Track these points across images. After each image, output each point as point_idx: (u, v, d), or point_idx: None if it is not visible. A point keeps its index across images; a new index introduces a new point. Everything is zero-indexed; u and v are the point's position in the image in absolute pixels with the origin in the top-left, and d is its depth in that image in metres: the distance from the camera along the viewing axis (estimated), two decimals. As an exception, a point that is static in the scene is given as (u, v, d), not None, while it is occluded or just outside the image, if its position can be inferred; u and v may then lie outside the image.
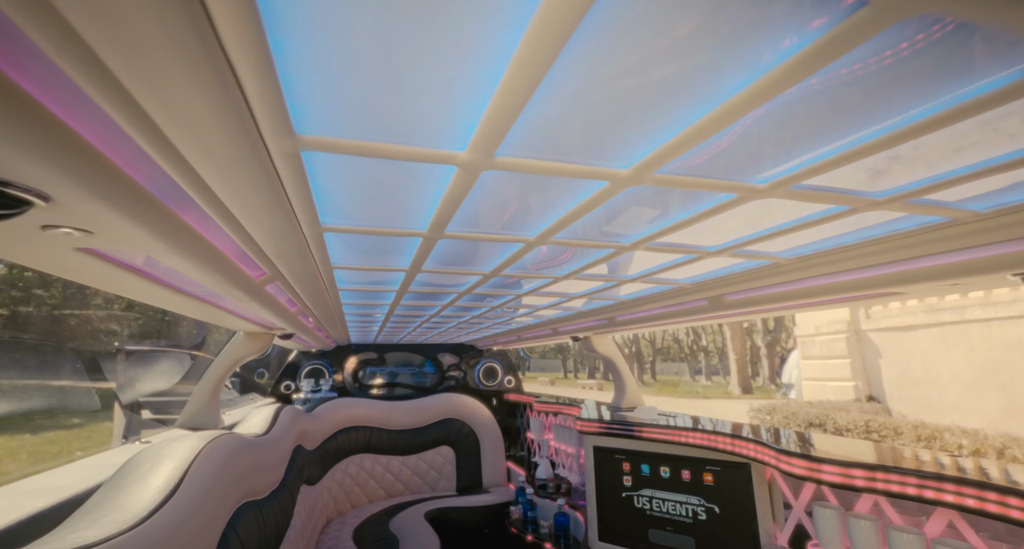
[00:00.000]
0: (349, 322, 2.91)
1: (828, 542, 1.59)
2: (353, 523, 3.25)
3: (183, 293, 1.26)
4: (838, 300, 1.43)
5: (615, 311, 2.22)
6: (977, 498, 1.10)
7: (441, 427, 4.48)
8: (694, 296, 1.72)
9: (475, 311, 2.56)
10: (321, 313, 2.15)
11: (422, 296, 2.07)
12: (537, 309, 2.44)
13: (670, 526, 2.21)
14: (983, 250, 0.95)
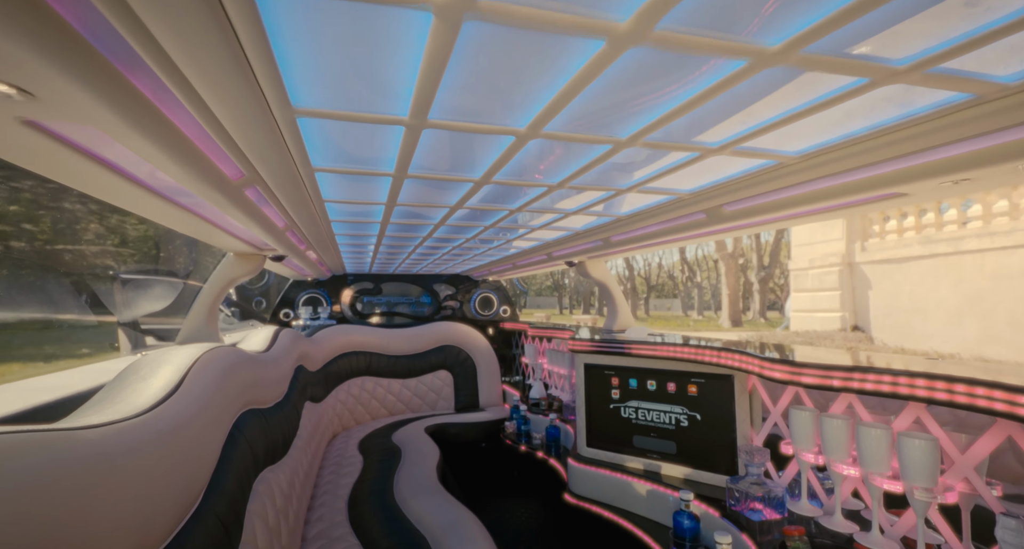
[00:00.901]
0: (341, 245, 2.88)
1: (800, 440, 1.69)
2: (358, 437, 3.46)
3: (153, 192, 1.20)
4: (839, 206, 1.39)
5: (611, 230, 2.18)
6: (947, 391, 1.15)
7: (439, 353, 4.64)
8: (692, 208, 1.68)
9: (469, 232, 2.53)
10: (310, 231, 2.11)
11: (413, 213, 2.02)
12: (532, 229, 2.41)
13: (654, 433, 2.35)
14: (997, 136, 0.90)
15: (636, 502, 2.28)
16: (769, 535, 1.70)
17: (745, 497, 1.85)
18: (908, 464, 1.33)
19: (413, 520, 2.08)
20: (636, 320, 3.44)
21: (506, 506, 3.49)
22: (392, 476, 2.60)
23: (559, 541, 2.94)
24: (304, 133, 1.08)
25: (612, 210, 1.92)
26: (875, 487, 1.45)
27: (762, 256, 24.45)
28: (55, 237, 8.73)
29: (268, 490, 1.57)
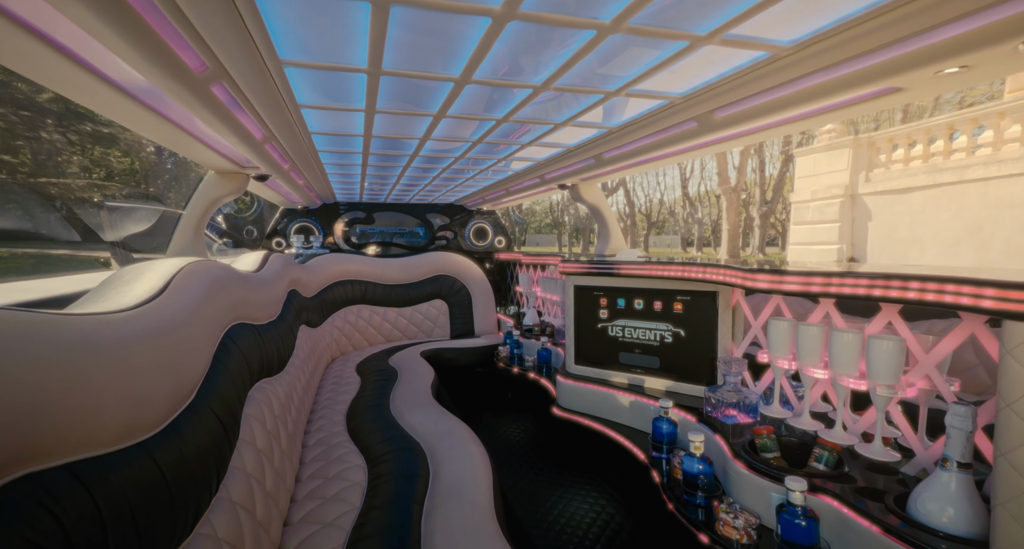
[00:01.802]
0: (326, 165, 2.79)
1: (776, 348, 1.75)
2: (355, 360, 3.60)
3: (118, 88, 1.13)
4: (834, 107, 1.31)
5: (603, 145, 2.10)
6: (919, 289, 1.16)
7: (434, 283, 4.69)
8: (683, 115, 1.60)
9: (457, 150, 2.43)
10: (291, 145, 2.02)
11: (396, 125, 1.92)
12: (523, 145, 2.31)
13: (639, 349, 2.44)
14: (991, 13, 0.82)
15: (619, 413, 2.42)
16: (741, 437, 1.81)
17: (721, 404, 1.95)
18: (874, 364, 1.39)
19: (407, 429, 2.22)
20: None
21: (500, 423, 3.72)
22: (388, 393, 2.74)
23: (548, 451, 3.17)
24: (267, 21, 0.99)
25: (603, 121, 1.83)
26: (842, 387, 1.53)
27: (765, 190, 23.99)
28: (37, 170, 8.47)
29: (265, 398, 1.65)
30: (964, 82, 1.08)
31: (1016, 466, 0.96)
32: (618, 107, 1.64)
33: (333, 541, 1.39)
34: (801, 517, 1.31)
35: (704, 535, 1.52)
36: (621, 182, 29.17)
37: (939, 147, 8.33)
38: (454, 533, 1.39)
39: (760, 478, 1.53)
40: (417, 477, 1.76)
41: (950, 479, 1.16)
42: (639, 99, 1.56)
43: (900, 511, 1.23)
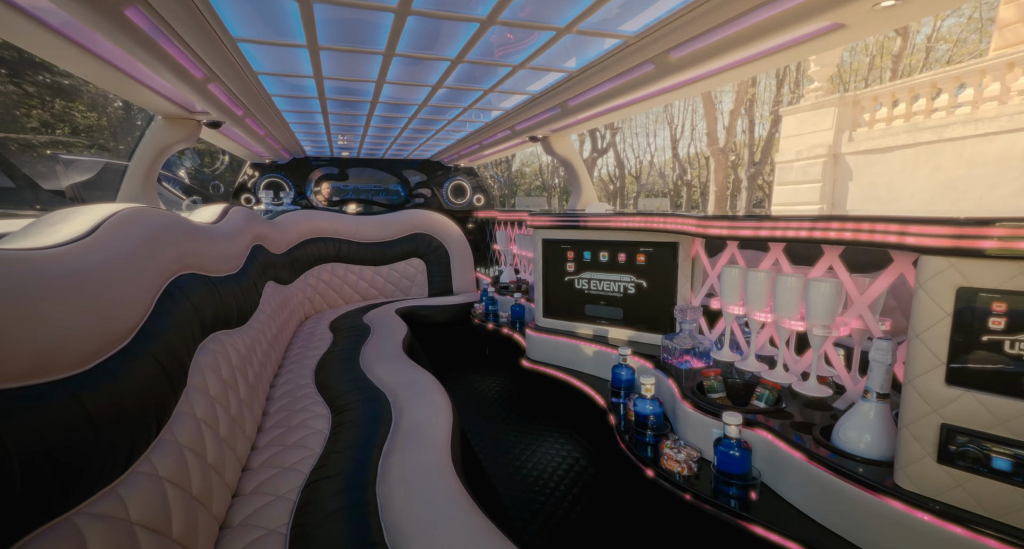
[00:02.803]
0: (285, 113, 2.66)
1: (728, 293, 1.80)
2: (330, 318, 3.61)
3: (28, 16, 1.05)
4: (782, 46, 1.28)
5: (566, 91, 2.04)
6: (854, 230, 1.18)
7: (411, 241, 4.65)
8: (639, 57, 1.55)
9: (418, 95, 2.33)
10: (238, 87, 1.91)
11: (346, 64, 1.82)
12: (484, 91, 2.22)
13: (603, 301, 2.48)
14: None
15: (584, 362, 2.49)
16: (693, 381, 1.89)
17: (677, 351, 2.01)
18: (812, 305, 1.43)
19: (375, 380, 2.26)
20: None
21: (477, 378, 3.81)
22: (360, 348, 2.76)
23: (521, 403, 3.27)
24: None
25: (561, 65, 1.76)
26: (784, 329, 1.58)
27: (754, 151, 23.84)
28: (-8, 124, 7.97)
29: (222, 349, 1.66)
30: (905, 17, 1.06)
31: (920, 391, 1.02)
32: (574, 49, 1.58)
33: (291, 483, 1.44)
34: (735, 449, 1.39)
35: (650, 470, 1.61)
36: (611, 143, 28.62)
37: (921, 106, 8.27)
38: (409, 470, 1.45)
39: (704, 416, 1.60)
40: (380, 424, 1.81)
41: (869, 408, 1.23)
42: (594, 40, 1.50)
43: (825, 441, 1.30)
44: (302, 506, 1.33)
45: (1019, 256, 0.88)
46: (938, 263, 0.98)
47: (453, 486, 1.37)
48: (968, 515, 0.97)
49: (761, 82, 23.49)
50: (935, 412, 1.01)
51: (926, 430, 1.02)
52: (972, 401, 0.96)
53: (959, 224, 0.94)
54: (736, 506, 1.36)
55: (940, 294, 0.98)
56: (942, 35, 18.11)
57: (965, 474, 0.97)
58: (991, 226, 0.90)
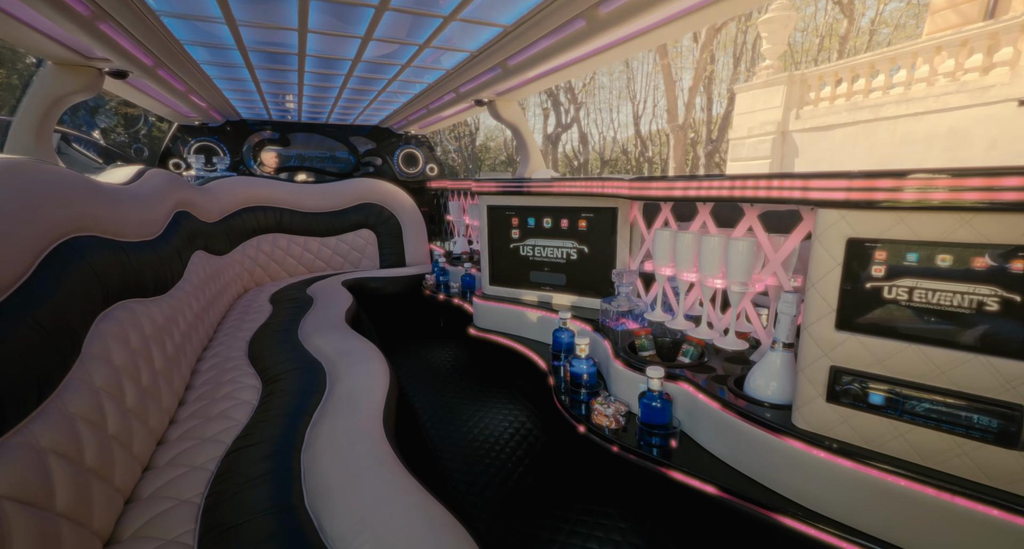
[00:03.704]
0: (205, 66, 2.44)
1: (660, 255, 1.84)
2: (271, 290, 3.46)
3: None
4: (705, 2, 1.27)
5: (503, 49, 1.97)
6: (766, 187, 1.22)
7: (360, 211, 4.48)
8: (569, 12, 1.50)
9: (349, 51, 2.19)
10: (140, 31, 1.72)
11: (262, 11, 1.68)
12: (418, 46, 2.11)
13: (547, 267, 2.49)
14: None
15: (529, 328, 2.52)
16: (627, 342, 1.94)
17: (614, 314, 2.06)
18: (731, 263, 1.49)
19: (312, 351, 2.19)
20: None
21: (430, 349, 3.79)
22: (300, 320, 2.67)
23: (471, 372, 3.29)
24: None
25: (492, 19, 1.69)
26: (708, 288, 1.64)
27: (711, 129, 24.39)
28: None
29: (132, 318, 1.55)
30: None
31: (814, 337, 1.09)
32: (502, 1, 1.51)
33: (209, 454, 1.39)
34: (657, 400, 1.45)
35: (582, 426, 1.66)
36: (575, 118, 28.43)
37: (860, 86, 8.67)
38: (337, 436, 1.42)
39: (634, 373, 1.66)
40: (313, 392, 1.76)
41: (776, 357, 1.30)
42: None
43: (738, 390, 1.38)
44: (220, 475, 1.28)
45: (896, 207, 0.93)
46: (831, 216, 1.02)
47: (381, 449, 1.36)
48: (852, 448, 1.06)
49: (719, 60, 23.83)
50: (826, 355, 1.07)
51: (818, 373, 1.09)
52: (856, 344, 1.03)
53: (850, 178, 0.98)
54: (657, 454, 1.42)
55: (832, 245, 1.03)
56: (884, 19, 18.89)
57: (848, 410, 1.05)
58: (875, 179, 0.94)
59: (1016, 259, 0.84)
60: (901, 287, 0.96)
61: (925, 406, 0.95)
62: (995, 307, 0.87)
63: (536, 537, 1.73)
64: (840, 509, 1.07)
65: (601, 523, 1.80)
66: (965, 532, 0.91)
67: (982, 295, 0.88)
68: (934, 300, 0.93)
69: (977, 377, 0.89)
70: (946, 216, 0.89)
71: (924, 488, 0.95)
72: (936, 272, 0.92)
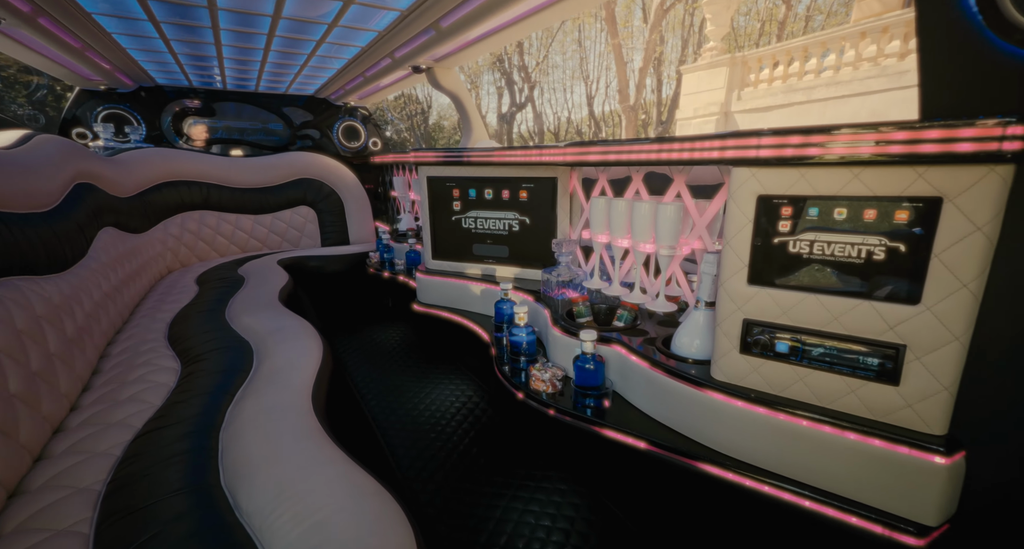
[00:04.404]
0: (100, 18, 2.15)
1: (595, 222, 1.86)
2: (198, 271, 3.22)
3: None
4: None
5: (433, 8, 1.87)
6: (690, 149, 1.24)
7: (297, 187, 4.24)
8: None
9: (266, 5, 2.01)
10: None
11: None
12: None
13: (490, 239, 2.46)
14: None
15: (473, 302, 2.50)
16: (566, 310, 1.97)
17: (554, 284, 2.07)
18: (660, 228, 1.52)
19: (240, 330, 2.07)
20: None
21: (378, 330, 3.69)
22: (228, 300, 2.51)
23: (418, 349, 3.24)
24: None
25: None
26: (640, 253, 1.68)
27: (661, 110, 24.92)
28: None
29: (18, 297, 1.38)
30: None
31: (729, 292, 1.14)
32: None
33: (115, 439, 1.28)
34: (590, 362, 1.48)
35: (520, 393, 1.68)
36: (530, 98, 28.08)
37: (795, 69, 9.11)
38: (261, 413, 1.35)
39: (571, 339, 1.68)
40: (238, 371, 1.66)
41: (699, 316, 1.36)
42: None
43: (666, 349, 1.43)
44: (127, 459, 1.19)
45: (798, 163, 0.97)
46: (743, 174, 1.06)
47: (308, 423, 1.30)
48: (763, 395, 1.12)
49: (668, 41, 24.19)
50: (739, 309, 1.13)
51: (733, 326, 1.15)
52: (765, 296, 1.08)
53: (760, 135, 1.01)
54: (592, 415, 1.46)
55: (745, 202, 1.07)
56: (819, 6, 19.83)
57: (758, 360, 1.12)
58: (780, 136, 0.98)
59: (899, 210, 0.90)
60: (803, 241, 1.01)
61: (821, 351, 1.02)
62: (881, 256, 0.93)
63: (478, 504, 1.75)
64: (754, 453, 1.14)
65: (543, 486, 1.84)
66: (856, 464, 0.99)
67: (871, 245, 0.94)
68: (830, 252, 0.98)
69: (865, 321, 0.96)
70: (840, 171, 0.94)
71: (822, 427, 1.03)
72: (833, 225, 0.98)
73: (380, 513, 0.94)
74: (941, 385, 0.91)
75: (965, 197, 0.83)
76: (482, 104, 26.48)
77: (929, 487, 0.92)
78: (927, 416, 0.94)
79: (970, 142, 0.80)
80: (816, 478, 1.05)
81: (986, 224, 0.82)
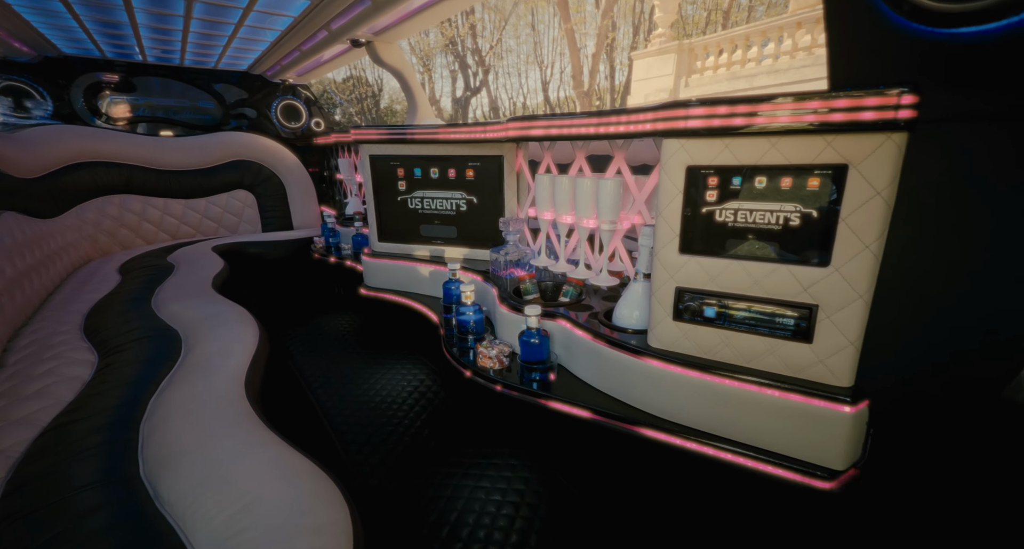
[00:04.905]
0: None
1: (541, 200, 1.86)
2: (122, 260, 2.97)
3: None
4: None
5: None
6: (626, 122, 1.26)
7: (233, 169, 3.98)
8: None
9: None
10: None
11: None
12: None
13: (437, 220, 2.42)
14: None
15: (422, 284, 2.45)
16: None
17: (503, 263, 2.07)
18: (601, 204, 1.54)
19: (167, 318, 1.93)
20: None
21: (326, 318, 3.56)
22: (155, 289, 2.33)
23: (370, 335, 3.16)
24: None
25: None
26: (584, 229, 1.70)
27: (615, 96, 25.23)
28: None
29: None
30: None
31: (662, 262, 1.17)
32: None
33: (16, 436, 1.16)
34: (535, 337, 1.50)
35: (468, 371, 1.67)
36: (483, 82, 27.59)
37: (738, 56, 9.46)
38: (188, 401, 1.27)
39: (518, 315, 1.69)
40: (164, 361, 1.55)
41: (638, 287, 1.40)
42: None
43: (607, 321, 1.46)
44: (29, 457, 1.08)
45: (722, 133, 1.01)
46: (673, 145, 1.08)
47: (239, 409, 1.24)
48: (694, 359, 1.17)
49: (620, 28, 24.40)
50: (672, 278, 1.17)
51: (666, 295, 1.19)
52: (695, 265, 1.12)
53: (687, 106, 1.03)
54: (537, 388, 1.48)
55: (675, 173, 1.09)
56: (760, -4, 20.60)
57: (689, 325, 1.16)
58: (703, 107, 1.00)
59: (812, 177, 0.95)
60: (728, 210, 1.06)
61: (744, 314, 1.08)
62: (797, 222, 0.99)
63: (429, 484, 1.75)
64: (689, 415, 1.19)
65: (494, 463, 1.86)
66: (777, 418, 1.06)
67: (787, 212, 0.99)
68: (752, 220, 1.03)
69: (782, 284, 1.02)
70: (759, 141, 0.98)
71: (747, 386, 1.09)
72: (754, 193, 1.02)
73: (313, 492, 0.91)
74: (848, 340, 0.98)
75: (867, 163, 0.88)
76: (436, 87, 25.82)
77: (837, 435, 1.00)
78: (836, 370, 1.02)
79: (873, 111, 0.85)
80: (743, 434, 1.12)
81: (884, 188, 0.88)
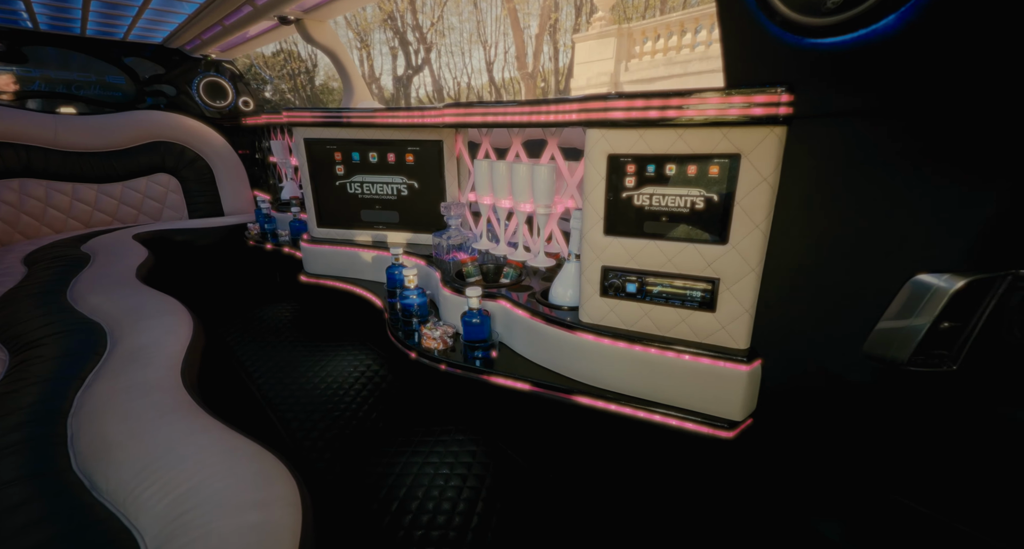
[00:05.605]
0: None
1: (480, 185, 1.92)
2: (26, 250, 2.70)
3: None
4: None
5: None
6: (556, 112, 1.34)
7: (152, 151, 3.68)
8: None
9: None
10: None
11: None
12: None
13: (378, 205, 2.40)
14: None
15: (364, 270, 2.44)
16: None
17: (445, 248, 2.11)
18: (536, 188, 1.62)
19: (86, 311, 1.81)
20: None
21: (266, 306, 3.44)
22: (70, 281, 2.16)
23: (313, 324, 3.10)
24: None
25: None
26: (521, 213, 1.78)
27: (559, 79, 25.31)
28: None
29: None
30: None
31: (590, 244, 1.28)
32: None
33: None
34: (477, 317, 1.57)
35: (413, 353, 1.72)
36: (426, 61, 26.67)
37: (674, 42, 9.84)
38: (119, 393, 1.24)
39: (460, 297, 1.75)
40: (88, 355, 1.48)
41: (571, 267, 1.50)
42: None
43: (544, 300, 1.56)
44: None
45: (636, 124, 1.11)
46: (595, 134, 1.17)
47: (177, 398, 1.22)
48: (619, 331, 1.30)
49: (563, 9, 24.35)
50: (598, 258, 1.27)
51: (594, 273, 1.30)
52: (617, 245, 1.24)
53: (607, 99, 1.12)
54: (480, 365, 1.56)
55: (598, 161, 1.19)
56: (696, -17, 21.29)
57: (613, 300, 1.28)
58: (623, 100, 1.10)
59: (712, 165, 1.07)
60: (644, 194, 1.17)
61: (659, 289, 1.21)
62: (701, 205, 1.12)
63: (378, 463, 1.80)
64: (616, 381, 1.32)
65: (441, 439, 1.94)
66: (689, 380, 1.21)
67: (693, 196, 1.12)
68: (664, 203, 1.15)
69: (690, 261, 1.16)
70: (668, 132, 1.09)
71: (664, 352, 1.23)
72: (665, 179, 1.14)
73: (259, 470, 0.94)
74: (743, 308, 1.14)
75: (755, 153, 1.02)
76: (375, 65, 24.68)
77: (736, 391, 1.16)
78: (735, 334, 1.17)
79: (761, 107, 0.98)
80: (664, 395, 1.27)
81: (770, 175, 1.02)
